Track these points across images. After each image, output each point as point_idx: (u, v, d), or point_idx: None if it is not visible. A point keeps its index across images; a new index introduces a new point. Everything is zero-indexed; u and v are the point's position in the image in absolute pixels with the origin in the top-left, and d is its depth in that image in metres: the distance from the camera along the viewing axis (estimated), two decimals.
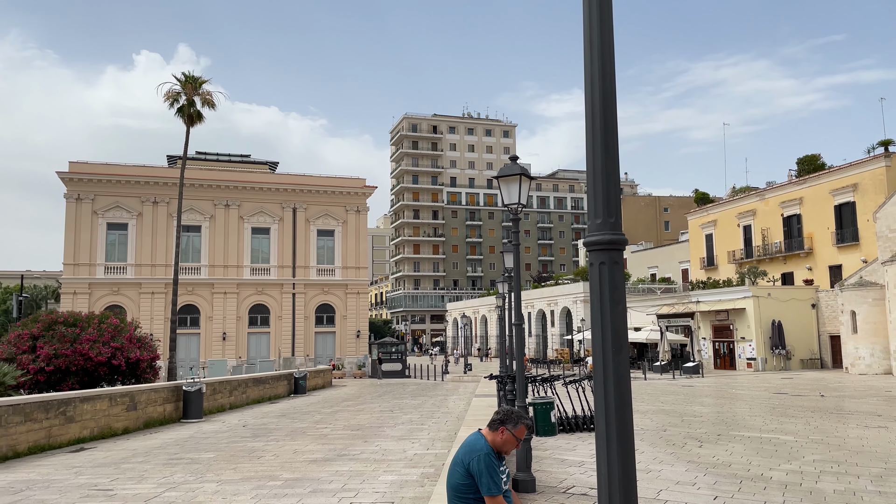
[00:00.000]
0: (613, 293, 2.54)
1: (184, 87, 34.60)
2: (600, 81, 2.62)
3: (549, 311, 68.15)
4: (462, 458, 4.83)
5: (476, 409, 17.42)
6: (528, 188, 10.31)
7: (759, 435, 15.58)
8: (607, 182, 2.60)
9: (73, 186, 48.86)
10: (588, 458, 12.62)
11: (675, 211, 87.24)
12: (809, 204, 49.41)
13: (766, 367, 43.09)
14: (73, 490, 10.37)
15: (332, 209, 54.87)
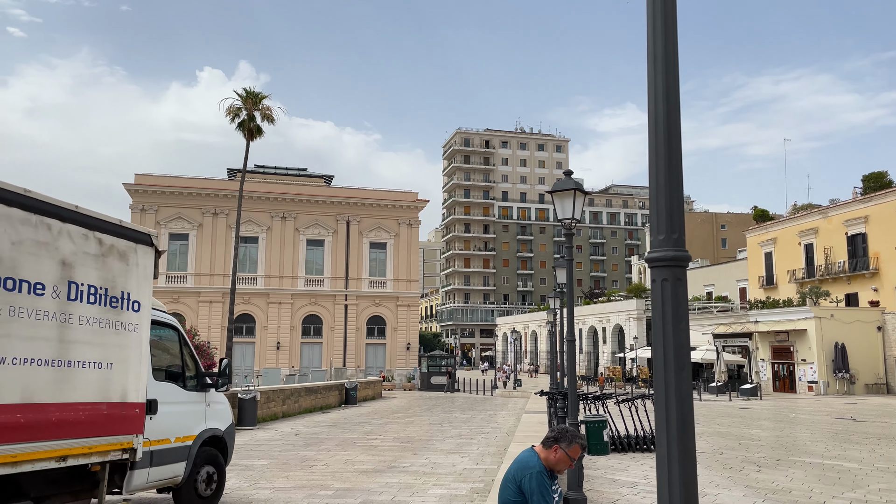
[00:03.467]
0: (676, 310, 2.50)
1: (244, 102, 35.57)
2: (664, 96, 2.60)
3: (600, 328, 67.19)
4: (514, 475, 4.79)
5: (526, 425, 17.26)
6: (583, 203, 10.24)
7: (821, 461, 14.99)
8: (670, 198, 2.57)
9: (138, 198, 50.69)
10: (641, 479, 12.36)
11: (732, 228, 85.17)
12: (875, 222, 47.55)
13: (828, 391, 41.47)
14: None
15: (385, 222, 55.45)
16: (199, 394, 9.74)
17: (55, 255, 6.66)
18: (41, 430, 6.39)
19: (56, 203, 6.78)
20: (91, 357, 7.11)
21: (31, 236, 6.35)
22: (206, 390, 9.95)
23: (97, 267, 7.23)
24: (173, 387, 9.15)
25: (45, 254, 6.53)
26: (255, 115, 35.60)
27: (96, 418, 7.16)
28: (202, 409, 9.75)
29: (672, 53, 2.62)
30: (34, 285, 6.39)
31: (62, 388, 6.70)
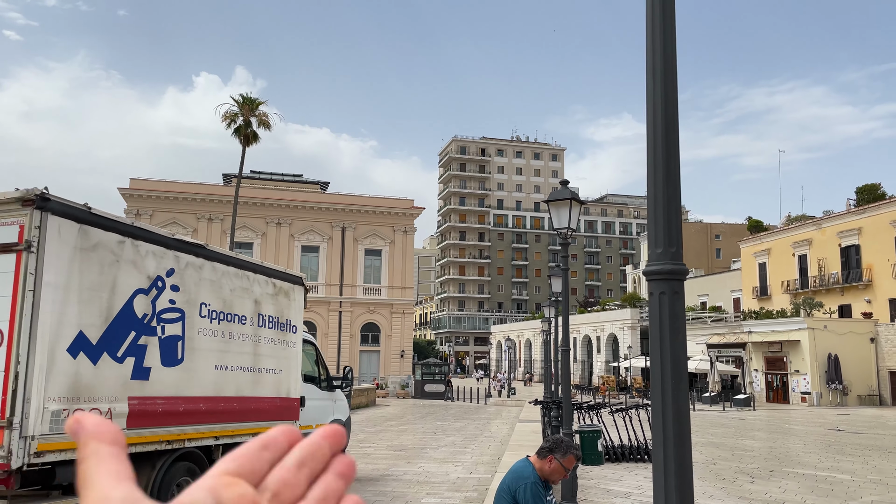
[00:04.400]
0: (674, 323, 2.53)
1: (241, 108, 35.57)
2: (663, 112, 2.63)
3: (595, 338, 67.24)
4: (509, 486, 4.80)
5: (520, 434, 17.25)
6: (579, 213, 10.28)
7: (814, 472, 15.02)
8: (668, 211, 2.59)
9: (132, 202, 50.57)
10: (634, 489, 12.35)
11: (726, 238, 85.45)
12: (869, 234, 47.79)
13: (821, 402, 41.55)
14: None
15: (380, 229, 55.44)
16: (328, 392, 13.10)
17: (251, 296, 9.90)
18: (246, 414, 9.56)
19: (251, 261, 10.42)
20: (271, 365, 10.24)
21: (239, 285, 9.66)
22: (333, 390, 13.34)
23: (273, 302, 10.43)
24: (313, 387, 12.33)
25: (246, 296, 9.77)
26: (251, 121, 35.59)
27: (274, 408, 10.29)
28: (330, 404, 13.10)
29: (671, 74, 2.65)
30: (240, 317, 9.60)
31: (256, 387, 9.84)
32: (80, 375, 7.11)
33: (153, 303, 8.05)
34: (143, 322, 7.90)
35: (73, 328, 7.04)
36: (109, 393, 7.47)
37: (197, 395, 8.73)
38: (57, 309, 6.86)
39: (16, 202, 6.79)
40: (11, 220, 6.78)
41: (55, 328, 6.83)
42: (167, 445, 8.23)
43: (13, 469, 6.43)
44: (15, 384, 6.49)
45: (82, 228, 7.24)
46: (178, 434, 8.37)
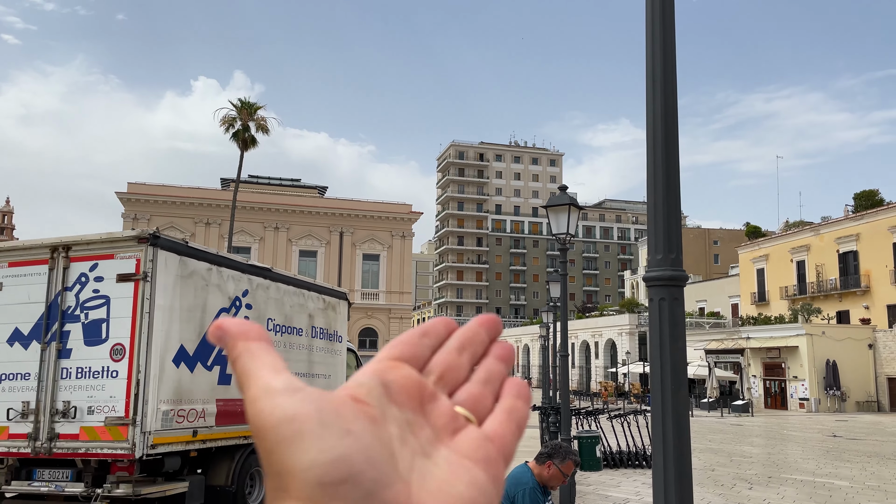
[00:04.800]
0: (673, 330, 2.52)
1: (239, 112, 35.58)
2: (663, 120, 2.63)
3: (593, 343, 67.22)
4: (508, 491, 4.78)
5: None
6: (577, 218, 10.29)
7: (813, 479, 15.00)
8: (668, 218, 2.59)
9: (130, 206, 50.53)
10: (633, 495, 12.33)
11: (724, 244, 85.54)
12: (867, 240, 47.87)
13: (819, 409, 41.54)
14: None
15: (378, 234, 55.44)
16: None
17: (306, 311, 11.45)
18: None
19: (306, 280, 12.09)
20: (322, 371, 11.80)
21: (297, 301, 11.19)
22: None
23: (323, 316, 12.01)
24: None
25: (302, 311, 11.31)
26: (249, 126, 35.60)
27: None
28: None
29: (671, 83, 2.65)
30: (298, 329, 11.14)
31: None
32: (181, 382, 8.54)
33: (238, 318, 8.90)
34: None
35: (176, 342, 8.51)
36: (202, 396, 8.89)
37: None
38: (165, 327, 8.30)
39: (132, 240, 8.34)
40: (129, 254, 8.29)
41: (164, 343, 8.27)
42: (244, 440, 9.65)
43: (136, 458, 7.82)
44: (136, 389, 7.89)
45: (182, 259, 8.73)
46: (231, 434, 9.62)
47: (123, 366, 7.99)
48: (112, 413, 7.92)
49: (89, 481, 8.12)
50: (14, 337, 8.50)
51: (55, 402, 8.17)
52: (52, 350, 8.32)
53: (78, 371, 8.18)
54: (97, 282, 8.35)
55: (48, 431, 8.12)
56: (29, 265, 8.68)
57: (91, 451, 8.02)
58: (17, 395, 8.32)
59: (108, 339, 8.16)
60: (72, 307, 8.36)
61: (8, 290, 8.65)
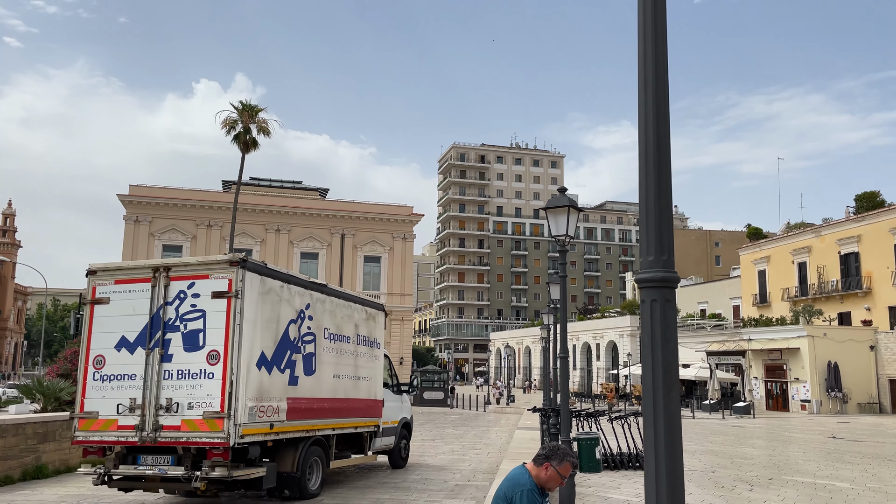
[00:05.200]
0: (665, 331, 2.53)
1: (241, 115, 35.63)
2: (654, 120, 2.64)
3: (594, 345, 67.18)
4: (506, 493, 4.78)
5: (519, 441, 17.20)
6: (577, 220, 10.29)
7: (813, 481, 14.98)
8: (660, 219, 2.60)
9: (132, 209, 50.60)
10: (633, 496, 12.32)
11: (726, 246, 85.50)
12: (868, 242, 47.83)
13: (820, 410, 41.48)
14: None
15: (380, 236, 55.46)
16: (398, 396, 16.10)
17: (353, 321, 13.17)
18: (350, 411, 12.79)
19: (353, 294, 14.03)
20: (364, 374, 13.48)
21: (346, 313, 12.95)
22: (401, 394, 16.45)
23: (366, 325, 13.75)
24: (388, 391, 15.19)
25: (349, 321, 13.03)
26: (250, 128, 35.64)
27: (367, 407, 13.52)
28: (400, 405, 16.04)
29: (662, 79, 2.66)
30: (346, 337, 12.82)
31: (356, 391, 13.08)
32: (262, 383, 10.05)
33: (299, 329, 11.21)
34: (293, 343, 10.99)
35: (258, 349, 10.03)
36: (277, 395, 10.42)
37: (323, 396, 11.86)
38: (250, 336, 9.82)
39: (225, 263, 9.93)
40: (222, 275, 9.82)
41: (250, 350, 9.78)
42: (306, 433, 11.23)
43: (230, 446, 9.27)
44: (230, 389, 9.38)
45: (262, 279, 10.26)
46: (313, 425, 11.43)
47: (218, 369, 9.51)
48: (209, 408, 9.38)
49: (188, 465, 9.54)
50: (121, 343, 10.05)
51: (159, 399, 9.66)
52: (156, 355, 9.84)
53: (178, 373, 9.71)
54: (194, 298, 9.90)
55: (153, 423, 9.60)
56: (133, 283, 10.29)
57: (191, 440, 9.46)
58: (124, 392, 9.86)
59: (204, 346, 9.67)
60: (172, 319, 9.92)
61: (115, 303, 10.25)
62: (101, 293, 10.43)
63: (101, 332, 10.29)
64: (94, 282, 10.54)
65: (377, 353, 14.27)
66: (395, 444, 15.19)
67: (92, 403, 10.03)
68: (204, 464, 9.42)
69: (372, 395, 13.79)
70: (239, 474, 9.65)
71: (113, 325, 10.17)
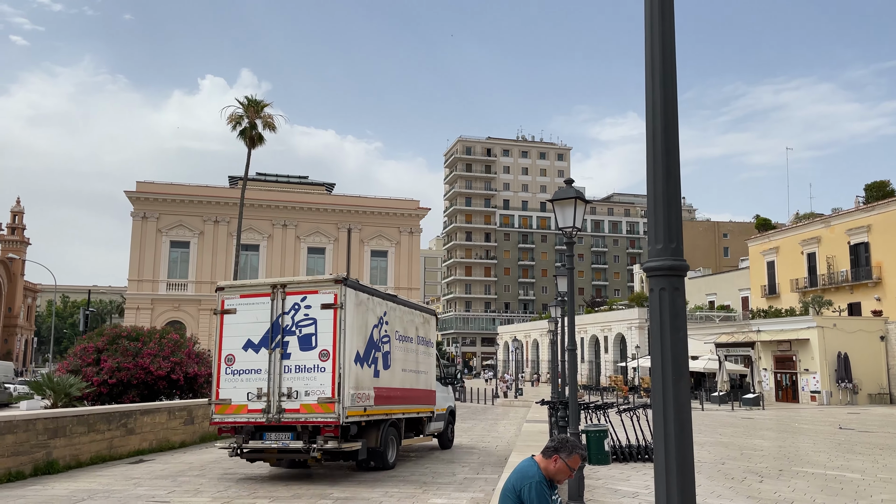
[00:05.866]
0: (674, 320, 2.49)
1: (246, 110, 35.64)
2: (662, 106, 2.59)
3: (602, 337, 67.08)
4: (514, 485, 4.76)
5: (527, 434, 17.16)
6: (584, 212, 10.23)
7: (824, 472, 14.91)
8: (668, 207, 2.56)
9: (139, 205, 50.76)
10: (642, 489, 12.29)
11: (734, 237, 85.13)
12: (878, 232, 47.50)
13: (830, 401, 41.31)
14: (131, 501, 10.63)
15: (386, 230, 55.46)
16: (445, 387, 18.80)
17: (414, 324, 15.75)
18: (413, 399, 15.31)
19: (414, 303, 16.91)
20: (423, 369, 16.07)
21: (409, 318, 15.48)
22: (447, 385, 19.31)
23: (423, 328, 16.39)
24: (438, 383, 17.64)
25: (412, 324, 15.59)
26: (256, 123, 35.67)
27: (424, 395, 16.05)
28: (447, 395, 18.64)
29: (670, 63, 2.61)
30: (410, 338, 15.32)
31: (417, 382, 15.58)
32: (358, 375, 12.56)
33: (379, 332, 13.74)
34: (376, 343, 13.54)
35: (355, 349, 12.51)
36: (367, 385, 12.92)
37: (396, 387, 14.37)
38: (350, 339, 12.34)
39: (331, 281, 12.52)
40: (329, 290, 12.36)
41: (349, 349, 12.26)
42: (385, 416, 13.72)
43: (339, 425, 11.87)
44: (338, 380, 11.93)
45: (357, 293, 12.87)
46: (390, 410, 14.01)
47: (329, 364, 12.03)
48: (323, 395, 11.91)
49: (306, 440, 12.02)
50: (247, 345, 12.47)
51: (281, 388, 12.10)
52: (277, 354, 12.28)
53: (296, 367, 12.17)
54: (307, 308, 12.34)
55: (276, 407, 12.06)
56: (255, 297, 12.71)
57: (309, 420, 11.95)
58: (252, 383, 12.27)
59: (316, 347, 12.15)
60: (289, 325, 12.38)
61: (241, 313, 12.69)
62: (229, 305, 12.84)
63: (230, 336, 12.68)
64: (222, 296, 12.97)
65: (431, 350, 17.01)
66: (443, 428, 17.79)
67: (225, 392, 12.43)
68: (318, 438, 11.95)
69: (428, 386, 16.46)
70: (345, 446, 12.14)
71: (240, 330, 12.61)
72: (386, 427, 13.63)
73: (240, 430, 12.41)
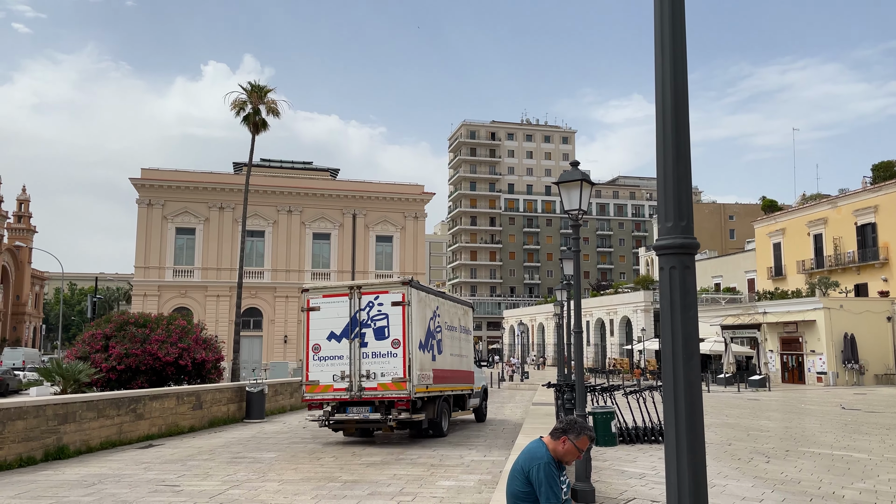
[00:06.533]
0: (684, 298, 2.47)
1: (250, 96, 35.50)
2: (672, 82, 2.55)
3: (608, 321, 67.10)
4: (523, 466, 4.77)
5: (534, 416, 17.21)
6: (590, 194, 10.18)
7: (831, 452, 14.94)
8: (678, 185, 2.53)
9: (144, 192, 50.80)
10: (649, 470, 12.33)
11: (740, 219, 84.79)
12: (885, 212, 47.24)
13: (837, 382, 41.32)
14: (142, 485, 10.73)
15: (391, 215, 55.41)
16: (480, 369, 21.80)
17: (457, 316, 18.80)
18: (458, 379, 18.13)
19: (457, 297, 21.00)
20: (464, 353, 18.94)
21: (454, 311, 18.64)
22: (481, 367, 23.79)
23: (464, 318, 19.49)
24: (475, 365, 20.47)
25: (455, 316, 18.62)
26: (260, 109, 35.53)
27: (466, 376, 18.79)
28: (481, 375, 21.36)
29: (680, 36, 2.58)
30: (454, 327, 18.28)
31: (460, 364, 18.42)
32: (421, 359, 15.30)
33: (434, 323, 16.51)
34: (432, 333, 16.31)
35: (418, 338, 15.19)
36: (427, 367, 15.71)
37: (446, 368, 17.20)
38: (414, 330, 14.98)
39: (399, 283, 15.31)
40: (398, 291, 15.07)
41: (415, 338, 14.97)
42: (440, 393, 16.56)
43: (410, 399, 14.69)
44: (408, 363, 14.67)
45: (418, 292, 15.56)
46: (444, 387, 16.86)
47: (399, 351, 14.79)
48: (396, 375, 14.70)
49: (382, 412, 14.80)
50: (331, 336, 15.26)
51: (360, 371, 14.97)
52: (356, 343, 15.10)
53: (373, 354, 14.96)
54: (379, 306, 15.08)
55: (357, 386, 14.96)
56: (336, 297, 15.46)
57: (385, 396, 14.76)
58: (336, 367, 15.14)
59: (389, 337, 14.90)
60: (365, 320, 15.12)
61: (324, 310, 15.44)
62: (314, 304, 15.53)
63: (316, 329, 15.35)
64: (307, 296, 15.73)
65: (470, 338, 20.19)
66: (479, 404, 20.43)
67: (314, 375, 15.25)
68: (393, 411, 14.75)
69: (468, 368, 19.38)
70: (414, 417, 14.97)
71: (324, 324, 15.31)
72: (440, 402, 16.43)
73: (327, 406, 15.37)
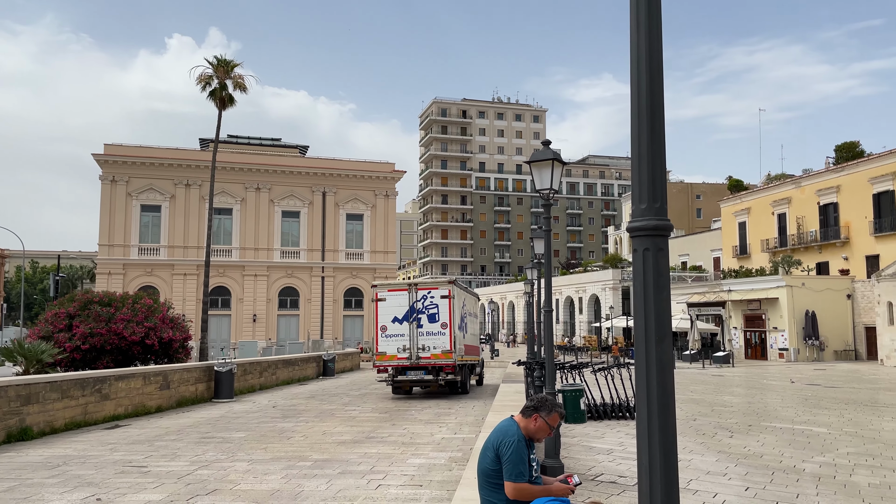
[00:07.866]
0: (658, 280, 2.47)
1: (216, 70, 34.79)
2: (647, 61, 2.53)
3: (577, 299, 67.81)
4: (493, 443, 4.81)
5: (504, 394, 17.36)
6: (561, 173, 10.20)
7: (791, 426, 15.34)
8: (653, 166, 2.51)
9: (108, 168, 49.70)
10: (616, 446, 12.54)
11: (707, 198, 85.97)
12: (847, 192, 48.29)
13: (798, 358, 42.41)
14: (108, 466, 10.59)
15: (361, 193, 55.05)
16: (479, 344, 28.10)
17: (471, 302, 25.31)
18: (474, 353, 24.95)
19: (471, 289, 28.27)
20: (474, 332, 25.62)
21: (470, 300, 25.13)
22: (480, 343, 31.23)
23: (474, 305, 26.56)
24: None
25: (470, 304, 24.99)
26: (226, 84, 34.86)
27: (476, 350, 25.80)
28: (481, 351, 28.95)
29: (655, 16, 2.55)
30: (472, 313, 25.37)
31: (472, 341, 24.84)
32: (458, 337, 21.00)
33: (462, 310, 21.96)
34: (462, 318, 21.79)
35: (457, 321, 20.90)
36: (461, 343, 21.31)
37: (468, 344, 22.72)
38: (455, 316, 20.70)
39: (446, 282, 21.11)
40: (445, 288, 20.86)
41: (456, 322, 20.71)
42: (463, 362, 21.56)
43: (455, 365, 20.64)
44: (453, 340, 20.51)
45: (458, 289, 21.49)
46: (467, 358, 22.32)
47: (447, 331, 20.42)
48: (445, 348, 20.34)
49: (434, 374, 20.59)
50: (394, 320, 20.65)
51: (417, 345, 20.51)
52: (414, 325, 20.56)
53: (427, 333, 20.49)
54: (431, 298, 20.59)
55: (416, 356, 20.50)
56: (398, 291, 20.90)
57: (436, 363, 20.41)
58: (399, 343, 20.61)
59: (438, 321, 20.45)
60: (421, 308, 20.57)
61: (389, 300, 20.74)
62: (381, 296, 20.86)
63: (383, 314, 20.69)
64: (376, 290, 21.10)
65: (476, 321, 26.67)
66: (479, 371, 26.05)
67: (382, 348, 20.67)
68: (441, 374, 20.55)
69: (476, 343, 25.66)
70: (456, 378, 20.86)
71: (389, 311, 20.71)
72: (465, 368, 22.14)
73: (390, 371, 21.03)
